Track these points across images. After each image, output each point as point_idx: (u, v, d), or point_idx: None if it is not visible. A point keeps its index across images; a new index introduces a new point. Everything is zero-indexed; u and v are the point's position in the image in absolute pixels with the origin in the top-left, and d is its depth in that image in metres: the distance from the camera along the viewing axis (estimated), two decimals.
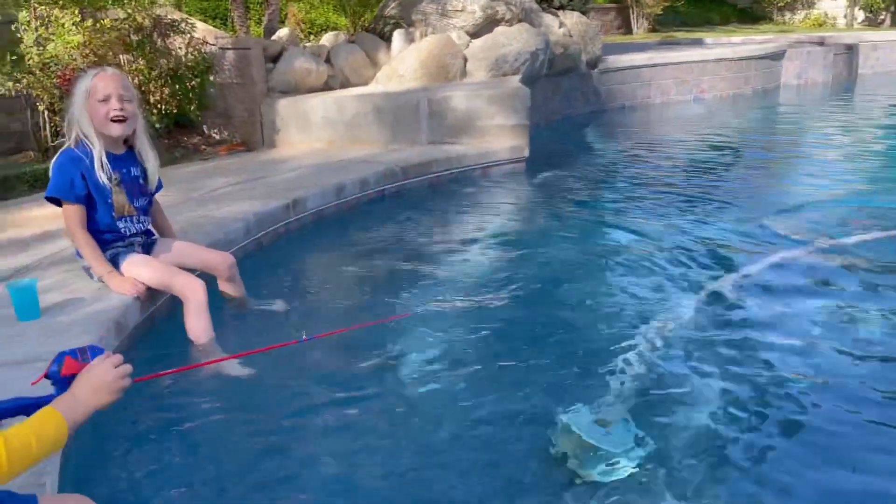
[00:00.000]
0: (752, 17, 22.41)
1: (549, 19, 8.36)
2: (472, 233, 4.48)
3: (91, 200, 2.74)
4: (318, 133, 6.25)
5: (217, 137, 6.55)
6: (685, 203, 5.02)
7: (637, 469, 2.09)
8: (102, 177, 2.72)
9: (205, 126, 6.58)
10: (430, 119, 6.03)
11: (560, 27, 8.47)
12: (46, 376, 1.42)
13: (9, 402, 1.41)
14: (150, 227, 3.04)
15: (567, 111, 8.85)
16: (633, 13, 18.44)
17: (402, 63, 6.90)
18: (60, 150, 2.75)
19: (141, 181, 2.92)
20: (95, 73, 2.72)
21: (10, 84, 5.12)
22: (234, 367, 2.62)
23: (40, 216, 4.05)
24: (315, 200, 4.57)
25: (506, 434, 2.33)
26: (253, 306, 3.15)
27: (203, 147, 6.35)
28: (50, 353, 2.25)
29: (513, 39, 7.12)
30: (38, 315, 2.54)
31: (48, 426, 1.24)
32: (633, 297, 3.38)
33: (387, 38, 7.45)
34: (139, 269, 2.80)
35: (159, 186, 3.05)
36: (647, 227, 4.42)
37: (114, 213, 2.79)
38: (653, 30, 18.38)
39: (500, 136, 5.93)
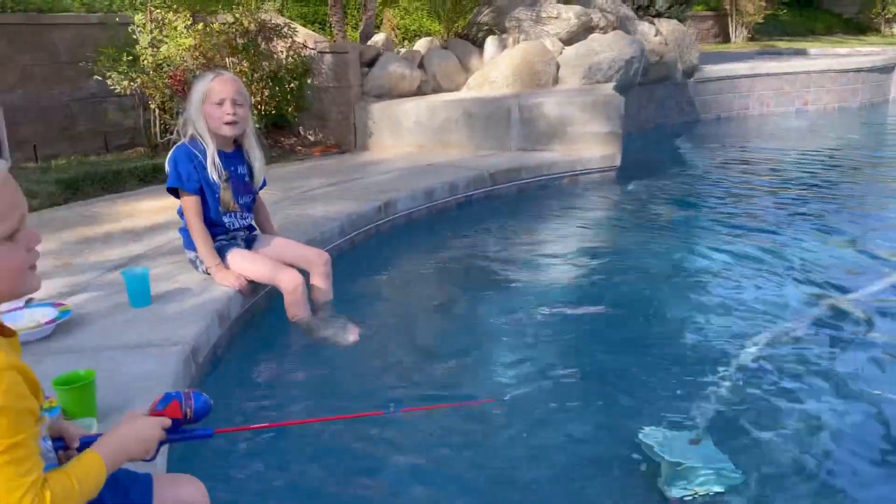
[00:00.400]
0: (857, 27, 21.27)
1: (644, 27, 8.20)
2: (560, 241, 4.43)
3: (201, 194, 2.87)
4: (410, 137, 6.34)
5: (312, 139, 6.75)
6: (784, 219, 4.80)
7: (724, 492, 2.01)
8: (213, 174, 2.85)
9: (301, 127, 6.79)
10: (520, 125, 6.01)
11: (656, 35, 8.29)
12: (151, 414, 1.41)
13: (92, 438, 1.45)
14: (253, 223, 3.16)
15: (660, 121, 8.64)
16: (731, 21, 17.85)
17: (494, 69, 6.91)
18: (176, 145, 2.90)
19: (247, 179, 3.04)
20: (213, 77, 2.86)
21: (126, 83, 5.42)
22: (343, 338, 2.80)
23: (150, 209, 4.28)
24: (405, 203, 4.63)
25: (589, 448, 2.28)
26: (326, 316, 3.12)
27: (299, 148, 6.55)
28: (160, 340, 2.39)
29: (607, 47, 7.01)
30: (150, 302, 2.68)
31: (91, 472, 1.19)
32: (727, 315, 3.26)
33: (479, 45, 7.48)
34: (243, 264, 2.91)
35: (263, 184, 3.16)
36: (742, 243, 4.25)
37: (220, 208, 2.92)
38: (752, 39, 17.72)
39: (591, 144, 5.85)
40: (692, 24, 12.74)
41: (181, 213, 2.94)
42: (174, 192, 2.90)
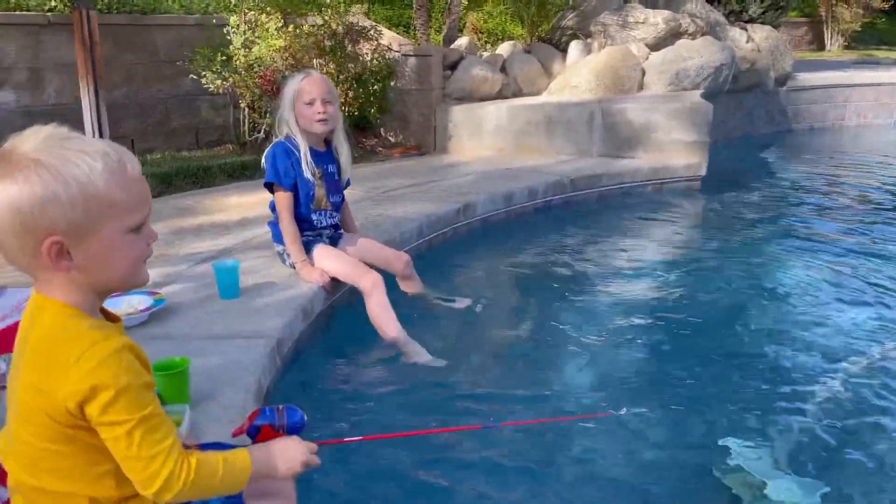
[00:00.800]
0: None
1: (736, 33, 7.94)
2: (641, 250, 4.33)
3: (294, 191, 2.95)
4: (489, 140, 6.34)
5: (393, 140, 6.84)
6: (880, 237, 4.54)
7: None
8: (307, 172, 2.93)
9: (382, 129, 6.89)
10: (603, 131, 5.92)
11: (748, 41, 8.01)
12: (246, 432, 1.43)
13: (210, 445, 1.48)
14: (338, 221, 3.22)
15: (748, 130, 8.34)
16: (826, 29, 17.06)
17: (577, 74, 6.83)
18: (274, 142, 2.99)
19: (336, 177, 3.10)
20: (303, 77, 2.93)
21: (219, 82, 5.63)
22: (427, 358, 2.76)
23: (238, 204, 4.43)
24: (484, 206, 4.63)
25: (671, 464, 2.21)
26: (433, 299, 3.23)
27: (380, 149, 6.64)
28: (247, 331, 2.46)
29: (695, 53, 6.82)
30: (238, 295, 2.77)
31: (236, 467, 1.22)
32: (816, 334, 3.11)
33: (562, 49, 7.41)
34: (328, 261, 2.97)
35: (347, 183, 3.21)
36: (833, 260, 4.05)
37: (311, 206, 2.99)
38: (847, 47, 16.88)
39: (676, 152, 5.70)
40: (785, 31, 12.24)
41: (272, 208, 3.02)
42: (269, 186, 2.98)
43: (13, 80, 5.70)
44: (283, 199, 2.93)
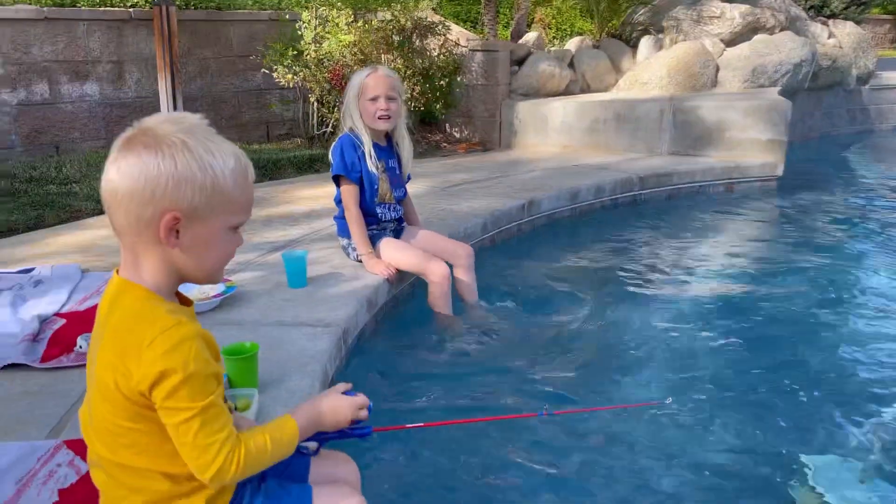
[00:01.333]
0: None
1: (817, 28, 7.63)
2: (711, 251, 4.19)
3: (359, 184, 2.97)
4: (555, 137, 6.26)
5: (458, 136, 6.84)
6: None
7: None
8: (372, 166, 2.95)
9: (447, 124, 6.90)
10: (673, 128, 5.77)
11: (829, 37, 7.68)
12: None
13: None
14: (402, 215, 3.23)
15: (827, 129, 8.00)
16: None
17: (647, 70, 6.68)
18: (341, 135, 3.01)
19: (398, 172, 3.11)
20: (368, 74, 2.94)
21: (290, 76, 5.73)
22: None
23: (306, 196, 4.50)
24: (550, 203, 4.57)
25: (740, 478, 2.11)
26: (476, 306, 3.18)
27: (444, 144, 6.65)
28: (314, 320, 2.49)
29: (774, 49, 6.58)
30: (306, 284, 2.80)
31: (285, 434, 1.25)
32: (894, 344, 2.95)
33: (633, 45, 7.27)
34: (394, 253, 2.99)
35: (408, 178, 3.22)
36: None
37: (376, 199, 3.01)
38: None
39: (751, 151, 5.51)
40: (868, 27, 11.68)
41: (338, 202, 3.05)
42: (336, 179, 3.01)
43: (97, 73, 5.95)
44: (350, 191, 2.96)
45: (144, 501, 1.18)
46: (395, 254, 2.98)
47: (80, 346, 2.20)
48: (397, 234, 3.18)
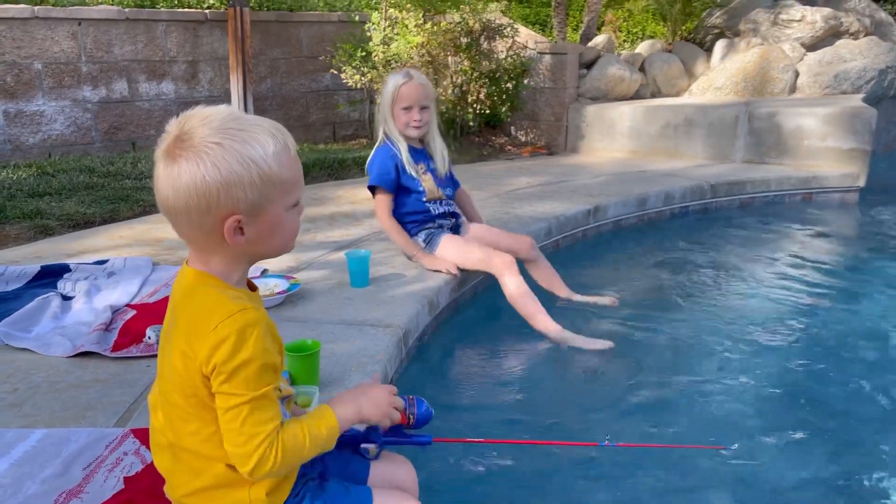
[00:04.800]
0: None
1: None
2: (785, 267, 3.98)
3: (403, 190, 3.00)
4: (623, 142, 6.13)
5: (522, 139, 6.77)
6: None
7: None
8: (410, 169, 2.97)
9: (512, 127, 6.84)
10: (748, 136, 5.57)
11: None
12: None
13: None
14: (457, 210, 3.20)
15: None
16: None
17: (722, 74, 6.47)
18: (377, 147, 3.04)
19: (436, 172, 3.10)
20: (403, 82, 2.92)
21: (358, 77, 5.79)
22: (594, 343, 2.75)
23: (369, 196, 4.49)
24: (616, 209, 4.46)
25: None
26: (577, 299, 3.15)
27: (508, 147, 6.60)
28: (375, 320, 2.48)
29: (858, 54, 6.28)
30: (368, 284, 2.80)
31: (322, 427, 1.20)
32: None
33: (707, 49, 7.06)
34: (456, 250, 2.97)
35: (453, 178, 3.19)
36: None
37: (425, 198, 3.01)
38: None
39: (830, 161, 5.27)
40: None
41: None
42: (372, 190, 3.04)
43: (173, 73, 6.14)
44: (383, 201, 2.99)
45: (205, 485, 1.18)
46: (457, 251, 2.96)
47: (149, 338, 2.25)
48: (455, 230, 3.16)
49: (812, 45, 6.47)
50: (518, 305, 2.84)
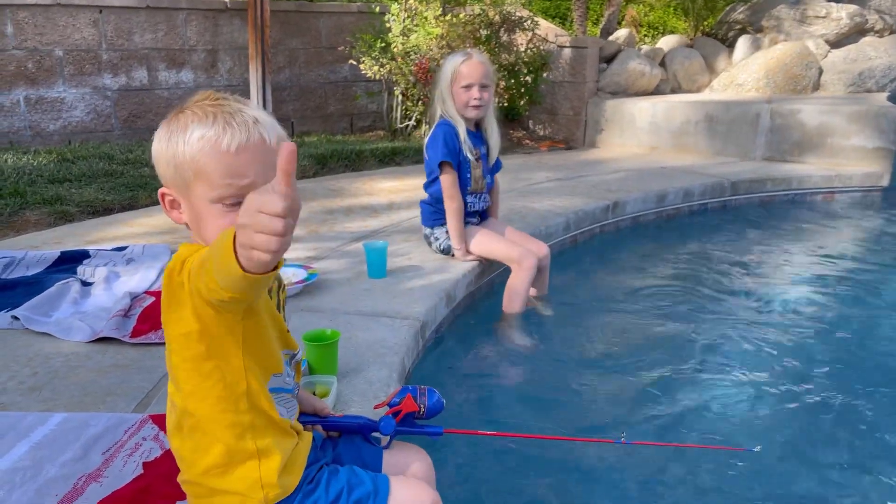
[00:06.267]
0: None
1: None
2: (805, 267, 3.93)
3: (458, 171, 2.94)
4: (642, 137, 6.08)
5: (540, 133, 6.73)
6: None
7: None
8: (467, 152, 2.90)
9: (530, 121, 6.80)
10: (769, 133, 5.50)
11: None
12: (388, 404, 1.45)
13: (351, 418, 1.48)
14: (486, 208, 3.17)
15: None
16: None
17: (744, 71, 6.39)
18: (438, 122, 2.95)
19: (487, 159, 3.06)
20: (463, 60, 2.87)
21: (377, 68, 5.77)
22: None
23: (387, 188, 4.51)
24: (635, 205, 4.43)
25: None
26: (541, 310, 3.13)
27: (526, 141, 6.56)
28: (392, 311, 2.47)
29: (883, 52, 6.18)
30: (385, 275, 2.79)
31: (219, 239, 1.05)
32: None
33: (729, 45, 6.98)
34: (487, 242, 2.97)
35: (497, 166, 3.16)
36: None
37: (469, 188, 2.96)
38: None
39: (854, 159, 5.19)
40: None
41: (427, 187, 3.01)
42: (440, 166, 2.92)
43: (192, 62, 6.15)
44: (453, 178, 2.89)
45: (215, 462, 1.17)
46: (488, 242, 2.95)
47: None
48: (481, 223, 3.14)
49: (836, 43, 6.38)
50: (510, 297, 2.88)
